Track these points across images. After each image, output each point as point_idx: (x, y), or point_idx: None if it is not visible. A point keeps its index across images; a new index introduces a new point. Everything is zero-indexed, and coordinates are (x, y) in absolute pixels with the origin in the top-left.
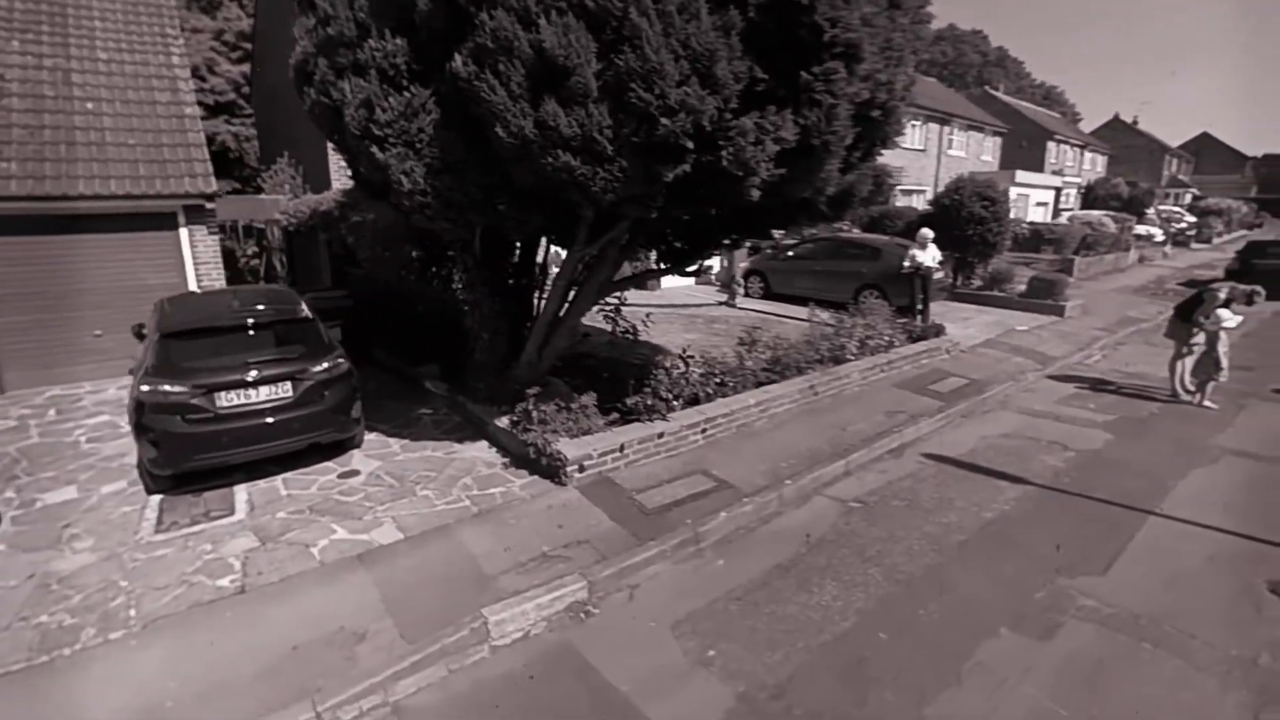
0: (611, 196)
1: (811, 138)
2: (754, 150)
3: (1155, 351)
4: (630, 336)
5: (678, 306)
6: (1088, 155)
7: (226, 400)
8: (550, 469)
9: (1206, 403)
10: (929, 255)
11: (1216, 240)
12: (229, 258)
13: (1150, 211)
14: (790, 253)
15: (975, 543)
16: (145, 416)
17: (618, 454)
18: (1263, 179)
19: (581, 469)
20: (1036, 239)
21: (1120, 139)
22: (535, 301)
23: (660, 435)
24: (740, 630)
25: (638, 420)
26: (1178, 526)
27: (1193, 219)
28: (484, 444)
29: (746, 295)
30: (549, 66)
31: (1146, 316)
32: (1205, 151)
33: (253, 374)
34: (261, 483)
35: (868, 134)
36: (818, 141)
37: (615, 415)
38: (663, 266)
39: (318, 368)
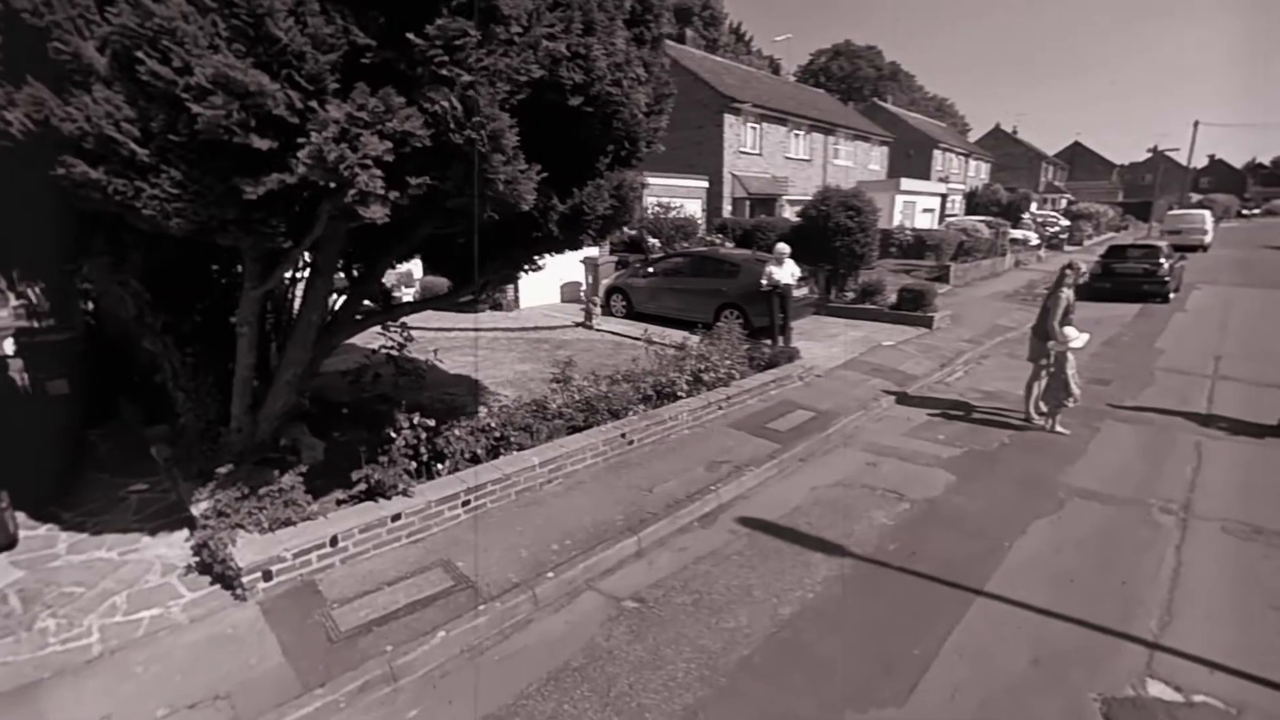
0: (181, 222)
1: (449, 133)
2: (341, 150)
3: (1017, 365)
4: (408, 377)
5: (529, 329)
6: (972, 163)
7: None
8: (227, 579)
9: (1059, 429)
10: (786, 272)
11: (1087, 242)
12: None
13: (1026, 216)
14: (652, 269)
15: (759, 660)
16: None
17: (328, 550)
18: (1127, 185)
19: (268, 577)
20: (920, 246)
21: (1002, 147)
22: (272, 349)
23: (396, 518)
24: None
25: (374, 499)
26: (1004, 611)
27: (1066, 223)
28: (183, 535)
29: (609, 314)
30: (23, 30)
31: (1014, 324)
32: (1078, 159)
33: None
34: None
35: (602, 137)
36: (459, 139)
37: (364, 487)
38: (394, 304)
39: None
